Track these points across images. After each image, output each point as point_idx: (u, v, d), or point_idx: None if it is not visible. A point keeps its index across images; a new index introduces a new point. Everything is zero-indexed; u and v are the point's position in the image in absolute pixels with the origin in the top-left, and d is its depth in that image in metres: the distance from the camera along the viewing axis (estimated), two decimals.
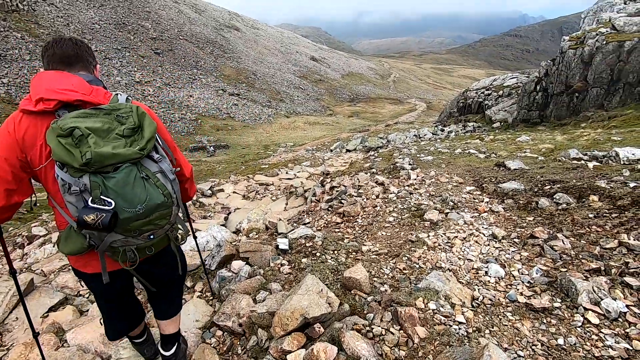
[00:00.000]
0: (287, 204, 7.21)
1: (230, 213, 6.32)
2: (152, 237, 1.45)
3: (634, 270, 2.40)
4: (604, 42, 15.83)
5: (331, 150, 23.09)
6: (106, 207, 1.23)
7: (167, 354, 2.00)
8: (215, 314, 2.48)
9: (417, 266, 2.75)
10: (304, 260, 2.93)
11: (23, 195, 1.39)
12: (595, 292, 2.19)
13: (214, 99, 44.67)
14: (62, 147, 1.21)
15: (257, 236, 3.99)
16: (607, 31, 16.60)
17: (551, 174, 4.80)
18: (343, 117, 52.21)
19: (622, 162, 5.07)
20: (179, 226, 1.66)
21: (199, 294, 3.01)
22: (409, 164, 6.35)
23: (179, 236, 1.67)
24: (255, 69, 58.37)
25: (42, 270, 4.14)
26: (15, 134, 1.30)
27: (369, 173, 6.29)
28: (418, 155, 8.56)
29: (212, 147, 30.51)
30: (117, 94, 1.47)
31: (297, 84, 61.50)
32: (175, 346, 2.02)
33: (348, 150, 22.00)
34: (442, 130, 23.94)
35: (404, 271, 2.69)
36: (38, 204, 1.48)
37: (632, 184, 3.62)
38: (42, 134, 1.30)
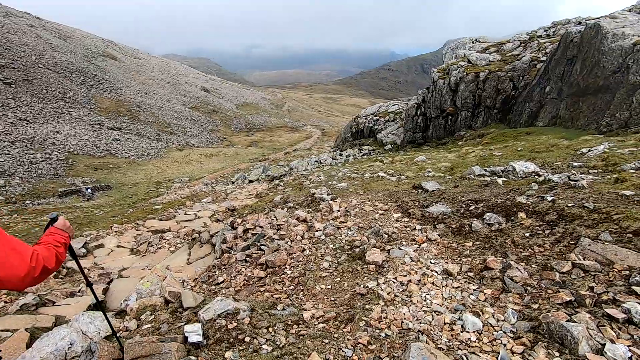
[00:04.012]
0: (190, 254, 5.99)
1: (111, 281, 4.76)
2: None
3: (606, 297, 2.20)
4: (465, 73, 18.60)
5: (233, 182, 21.82)
6: None
7: None
8: None
9: (383, 335, 2.13)
10: (228, 354, 2.04)
11: None
12: (592, 337, 1.87)
13: (89, 135, 38.97)
14: None
15: (152, 317, 2.88)
16: (465, 64, 19.59)
17: (468, 192, 4.83)
18: (241, 147, 50.96)
19: (519, 176, 5.46)
20: None
21: None
22: (328, 194, 5.88)
23: None
24: (139, 101, 53.31)
25: None
26: None
27: (286, 208, 5.60)
28: (330, 183, 8.25)
29: (89, 190, 26.14)
30: None
31: (188, 115, 58.12)
32: None
33: (251, 181, 21.09)
34: (341, 155, 24.88)
35: (370, 347, 2.04)
36: None
37: (549, 198, 3.71)
38: None
